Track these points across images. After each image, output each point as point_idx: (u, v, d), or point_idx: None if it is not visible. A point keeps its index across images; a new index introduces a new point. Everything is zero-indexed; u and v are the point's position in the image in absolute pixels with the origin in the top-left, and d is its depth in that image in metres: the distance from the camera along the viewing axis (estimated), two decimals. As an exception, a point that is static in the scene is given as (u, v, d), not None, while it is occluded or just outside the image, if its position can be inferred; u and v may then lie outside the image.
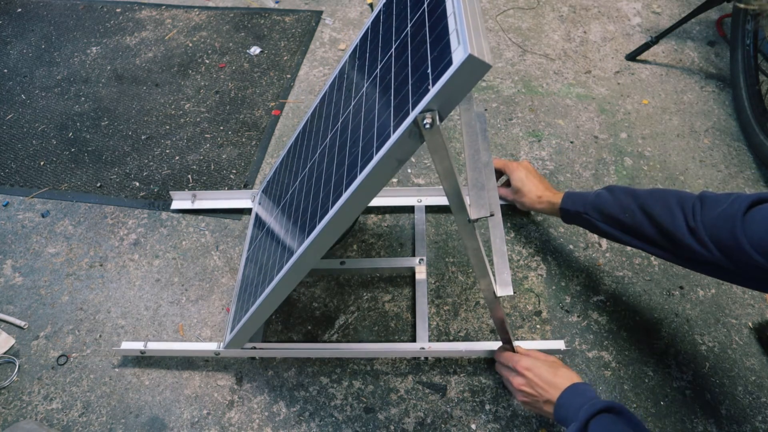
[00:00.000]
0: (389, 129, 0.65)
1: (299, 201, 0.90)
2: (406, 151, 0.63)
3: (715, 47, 1.67)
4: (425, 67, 0.62)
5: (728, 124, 1.46)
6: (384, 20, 0.85)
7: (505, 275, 0.84)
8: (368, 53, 0.86)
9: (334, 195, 0.74)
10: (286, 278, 0.83)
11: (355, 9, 1.85)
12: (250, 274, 1.01)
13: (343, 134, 0.82)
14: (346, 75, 0.92)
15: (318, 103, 1.03)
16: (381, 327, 1.12)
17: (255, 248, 1.06)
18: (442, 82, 0.56)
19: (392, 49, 0.76)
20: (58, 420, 1.03)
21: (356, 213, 0.73)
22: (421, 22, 0.70)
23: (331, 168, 0.80)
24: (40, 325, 1.15)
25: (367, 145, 0.70)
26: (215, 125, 1.52)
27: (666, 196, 0.84)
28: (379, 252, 1.24)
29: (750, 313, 1.11)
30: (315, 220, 0.78)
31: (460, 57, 0.55)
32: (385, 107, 0.69)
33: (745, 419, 0.99)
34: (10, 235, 1.30)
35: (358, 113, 0.79)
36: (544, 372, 0.87)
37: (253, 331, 0.96)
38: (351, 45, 0.96)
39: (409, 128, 0.60)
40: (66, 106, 1.59)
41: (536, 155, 1.40)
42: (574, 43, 1.69)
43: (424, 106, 0.58)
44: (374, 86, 0.77)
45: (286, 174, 1.05)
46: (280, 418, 1.01)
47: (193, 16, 1.86)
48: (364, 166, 0.67)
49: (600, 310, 1.13)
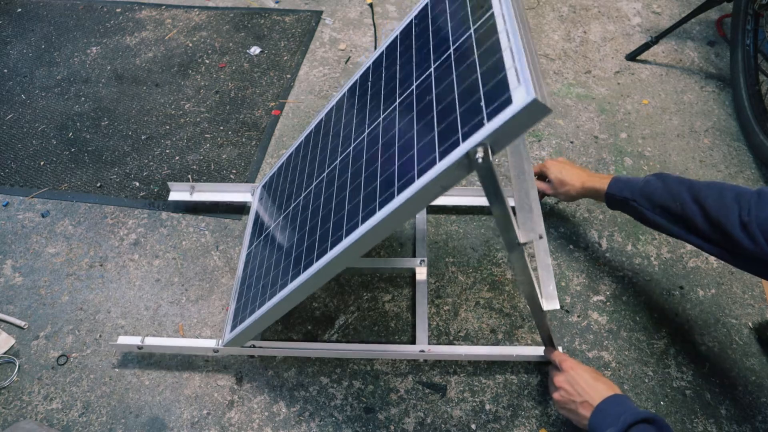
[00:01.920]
0: (434, 155, 0.63)
1: (317, 207, 0.88)
2: (452, 179, 0.63)
3: (715, 47, 1.67)
4: (477, 98, 0.61)
5: (728, 124, 1.46)
6: (417, 34, 0.82)
7: (551, 288, 0.84)
8: (398, 66, 0.83)
9: (364, 211, 0.73)
10: (301, 287, 0.82)
11: (355, 9, 1.85)
12: (255, 273, 1.00)
13: (371, 147, 0.79)
14: (371, 83, 0.90)
15: (336, 103, 1.01)
16: (381, 327, 1.12)
17: (259, 246, 1.05)
18: (500, 121, 0.55)
19: (431, 68, 0.74)
20: (58, 420, 1.02)
21: (388, 232, 0.71)
22: (467, 47, 0.67)
23: (358, 180, 0.78)
24: (40, 325, 1.15)
25: (404, 167, 0.68)
26: (215, 125, 1.52)
27: (723, 189, 0.81)
28: (379, 252, 1.24)
29: (750, 313, 1.11)
30: (340, 233, 0.76)
31: (522, 99, 0.53)
32: (426, 130, 0.68)
33: (745, 419, 0.99)
34: (10, 235, 1.30)
35: (391, 129, 0.76)
36: (587, 375, 0.87)
37: (256, 333, 0.96)
38: (375, 52, 0.94)
39: (459, 160, 0.59)
40: (66, 106, 1.59)
41: (536, 155, 1.40)
42: (574, 43, 1.69)
43: (478, 141, 0.57)
44: (410, 104, 0.75)
45: (296, 175, 1.04)
46: (280, 418, 1.01)
47: (193, 16, 1.86)
48: (403, 187, 0.66)
49: (600, 310, 1.13)
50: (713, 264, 1.19)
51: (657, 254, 1.21)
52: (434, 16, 0.81)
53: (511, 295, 1.15)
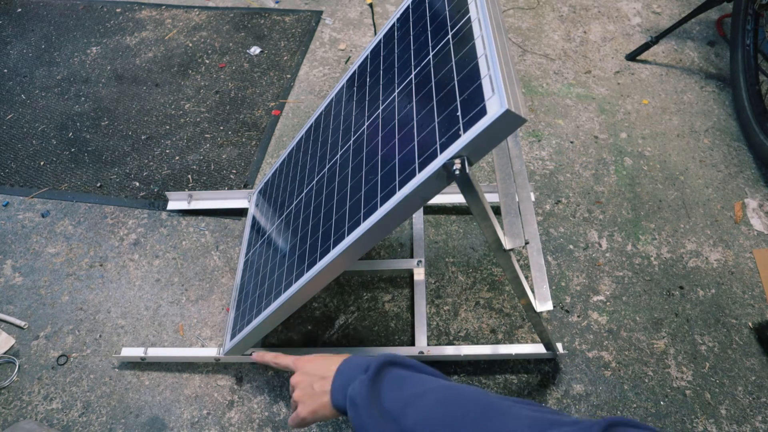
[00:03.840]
0: (414, 166, 0.64)
1: (307, 216, 0.89)
2: (431, 190, 0.63)
3: (715, 47, 1.67)
4: (454, 108, 0.61)
5: (728, 124, 1.46)
6: (399, 38, 0.83)
7: (544, 289, 0.84)
8: (382, 72, 0.84)
9: (350, 222, 0.73)
10: (295, 297, 0.82)
11: (354, 9, 1.85)
12: (252, 281, 1.01)
13: (356, 155, 0.80)
14: (356, 89, 0.91)
15: (324, 109, 1.02)
16: (381, 327, 1.12)
17: (255, 254, 1.06)
18: (475, 133, 0.55)
19: (412, 75, 0.74)
20: (58, 420, 1.02)
21: (374, 242, 0.72)
22: (445, 54, 0.68)
23: (345, 189, 0.79)
24: (40, 325, 1.15)
25: (386, 176, 0.69)
26: (215, 125, 1.52)
27: None
28: (379, 252, 1.24)
29: (750, 313, 1.11)
30: (328, 244, 0.77)
31: (495, 110, 0.54)
32: (407, 140, 0.68)
33: (745, 419, 0.99)
34: (10, 235, 1.30)
35: (375, 137, 0.77)
36: (314, 357, 0.66)
37: (256, 341, 0.96)
38: (360, 56, 0.95)
39: (437, 171, 0.59)
40: (66, 106, 1.59)
41: (536, 155, 1.40)
42: (574, 43, 1.69)
43: (454, 153, 0.57)
44: (392, 112, 0.75)
45: (289, 181, 1.04)
46: (280, 418, 1.01)
47: (193, 16, 1.86)
48: (386, 198, 0.67)
49: (600, 310, 1.13)
50: (713, 264, 1.19)
51: (657, 254, 1.21)
52: (414, 19, 0.82)
53: (511, 295, 1.15)
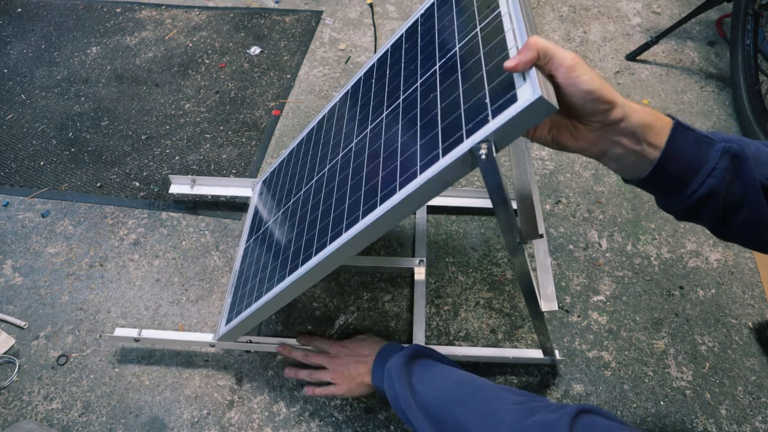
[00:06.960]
0: (437, 151, 0.63)
1: (317, 202, 0.88)
2: (455, 175, 0.63)
3: (715, 47, 1.67)
4: (482, 95, 0.61)
5: (728, 124, 1.46)
6: (423, 33, 0.83)
7: (549, 290, 0.84)
8: (403, 64, 0.84)
9: (365, 206, 0.73)
10: (297, 283, 0.82)
11: (355, 9, 1.85)
12: (252, 267, 1.00)
13: (374, 143, 0.80)
14: (374, 80, 0.90)
15: (338, 101, 1.01)
16: (381, 327, 1.12)
17: (258, 240, 1.05)
18: (505, 119, 0.55)
19: (436, 66, 0.74)
20: (58, 420, 1.03)
21: (389, 227, 0.71)
22: (473, 45, 0.68)
23: (360, 175, 0.79)
24: (40, 325, 1.15)
25: (407, 162, 0.69)
26: (215, 125, 1.52)
27: None
28: (379, 251, 1.24)
29: (750, 313, 1.11)
30: (340, 227, 0.76)
31: (527, 96, 0.54)
32: (430, 127, 0.68)
33: (745, 419, 0.99)
34: (10, 235, 1.30)
35: (394, 126, 0.77)
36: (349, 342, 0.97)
37: (253, 326, 0.96)
38: (380, 49, 0.95)
39: (463, 156, 0.59)
40: (66, 106, 1.59)
41: (536, 155, 1.40)
42: (574, 43, 1.69)
43: (482, 138, 0.57)
44: (414, 101, 0.75)
45: (297, 169, 1.04)
46: (280, 418, 1.01)
47: (193, 16, 1.86)
48: (405, 182, 0.66)
49: (600, 310, 1.13)
50: (713, 264, 1.19)
51: (657, 254, 1.21)
52: (440, 14, 0.82)
53: (511, 295, 1.15)
